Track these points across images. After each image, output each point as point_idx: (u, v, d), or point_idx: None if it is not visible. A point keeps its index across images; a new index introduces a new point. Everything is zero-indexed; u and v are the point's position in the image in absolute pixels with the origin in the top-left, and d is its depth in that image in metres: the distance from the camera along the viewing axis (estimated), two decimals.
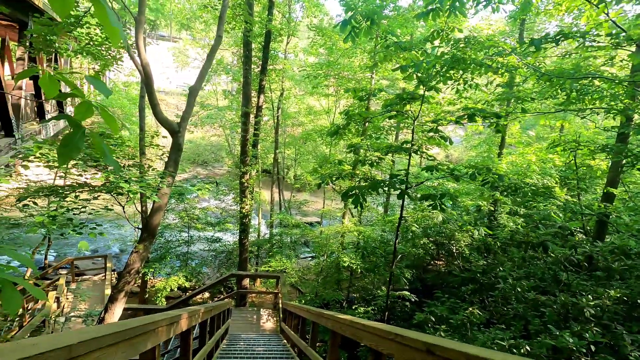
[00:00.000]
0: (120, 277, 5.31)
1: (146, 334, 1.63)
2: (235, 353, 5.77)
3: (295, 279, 12.19)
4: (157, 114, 5.41)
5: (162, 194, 5.24)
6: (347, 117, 7.14)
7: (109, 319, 5.12)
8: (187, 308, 2.83)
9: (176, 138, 5.47)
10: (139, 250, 5.31)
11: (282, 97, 16.98)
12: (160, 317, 1.89)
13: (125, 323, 1.57)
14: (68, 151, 1.22)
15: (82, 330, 1.21)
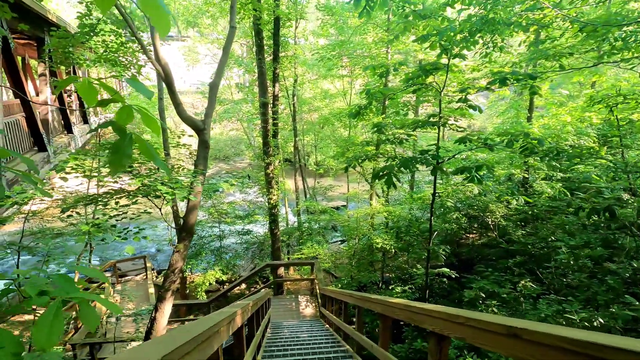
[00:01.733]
0: (166, 277, 5.47)
1: (211, 337, 1.62)
2: (281, 341, 5.88)
3: (329, 264, 12.26)
4: (181, 112, 5.42)
5: (196, 193, 5.30)
6: (368, 96, 6.92)
7: (160, 318, 5.32)
8: (238, 303, 2.84)
9: (202, 135, 5.48)
10: (179, 249, 5.43)
11: (296, 83, 16.77)
12: (221, 318, 1.88)
13: (193, 328, 1.55)
14: (119, 158, 1.17)
15: (159, 341, 1.18)
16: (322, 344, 5.49)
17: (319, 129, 21.20)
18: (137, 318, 7.94)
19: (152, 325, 5.28)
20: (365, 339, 3.85)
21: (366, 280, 10.02)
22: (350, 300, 4.69)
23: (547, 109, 11.45)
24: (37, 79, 11.51)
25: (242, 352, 3.12)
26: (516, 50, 10.52)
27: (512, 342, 1.37)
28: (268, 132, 10.24)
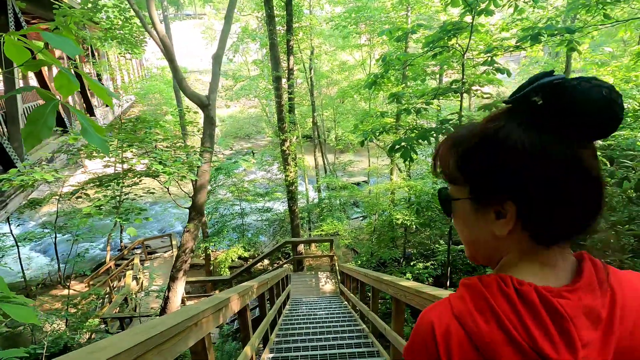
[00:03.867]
0: (177, 257, 5.49)
1: (185, 332, 1.44)
2: (297, 318, 5.85)
3: (349, 240, 12.15)
4: (184, 88, 5.22)
5: (202, 172, 5.19)
6: (385, 63, 6.44)
7: (173, 297, 5.39)
8: (236, 288, 2.69)
9: (207, 111, 5.29)
10: (190, 229, 5.40)
11: (313, 55, 16.17)
12: (204, 307, 1.70)
13: (162, 322, 1.37)
14: (37, 130, 0.95)
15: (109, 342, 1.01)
16: (338, 322, 5.40)
17: (338, 103, 20.62)
18: (160, 294, 8.20)
19: (166, 304, 5.37)
20: (379, 321, 3.67)
21: (387, 256, 9.83)
22: (365, 280, 4.50)
23: (586, 70, 10.42)
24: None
25: (248, 335, 3.01)
26: (552, 4, 9.49)
27: None
28: (283, 108, 9.95)
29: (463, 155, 0.55)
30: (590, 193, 0.50)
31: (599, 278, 0.51)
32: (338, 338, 4.36)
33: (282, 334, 4.66)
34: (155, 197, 20.51)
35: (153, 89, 18.50)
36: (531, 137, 0.49)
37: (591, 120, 0.47)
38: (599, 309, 0.49)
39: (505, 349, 0.47)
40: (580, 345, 0.46)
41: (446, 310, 0.53)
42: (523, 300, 0.49)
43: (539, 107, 0.49)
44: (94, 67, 14.20)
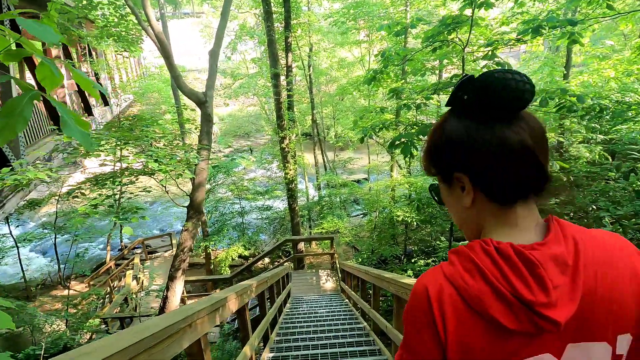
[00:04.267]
0: (176, 257, 5.44)
1: (176, 334, 1.38)
2: (298, 317, 5.80)
3: (350, 237, 12.10)
4: (181, 86, 5.15)
5: (200, 170, 5.12)
6: (384, 58, 6.37)
7: (172, 297, 5.34)
8: (235, 287, 2.63)
9: (204, 108, 5.21)
10: (188, 228, 5.34)
11: (312, 52, 16.07)
12: (199, 308, 1.65)
13: (155, 324, 1.32)
14: (12, 123, 0.89)
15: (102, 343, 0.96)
16: (339, 321, 5.35)
17: (337, 101, 20.52)
18: (160, 294, 8.16)
19: (165, 304, 5.31)
20: (380, 319, 3.62)
21: (388, 253, 9.78)
22: (366, 278, 4.45)
23: (586, 65, 10.33)
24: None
25: (247, 335, 2.96)
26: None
27: None
28: (281, 105, 9.87)
29: (427, 152, 0.70)
30: (519, 158, 0.59)
31: (564, 233, 0.60)
32: (339, 336, 4.32)
33: (282, 333, 4.61)
34: (154, 196, 20.44)
35: (151, 88, 18.40)
36: (462, 125, 0.62)
37: (499, 102, 0.59)
38: (565, 256, 0.57)
39: (491, 298, 0.55)
40: (552, 286, 0.54)
41: (438, 274, 0.61)
42: (502, 255, 0.57)
43: (465, 101, 0.62)
44: (91, 66, 14.12)
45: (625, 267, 0.59)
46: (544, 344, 0.56)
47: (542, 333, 0.55)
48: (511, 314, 0.55)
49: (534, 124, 0.62)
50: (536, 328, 0.54)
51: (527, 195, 0.62)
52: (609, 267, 0.58)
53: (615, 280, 0.58)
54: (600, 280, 0.57)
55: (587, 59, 12.22)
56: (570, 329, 0.56)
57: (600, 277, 0.57)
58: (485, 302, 0.55)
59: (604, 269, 0.58)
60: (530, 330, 0.55)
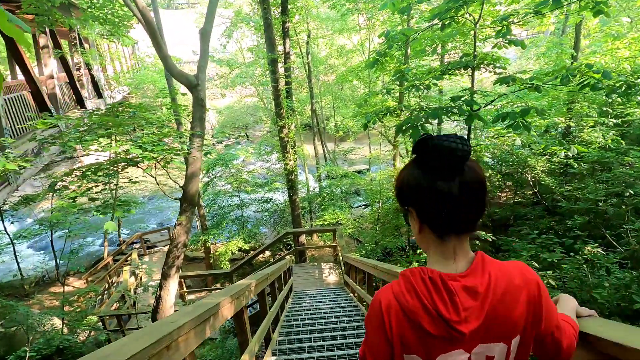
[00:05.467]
0: (169, 253, 5.11)
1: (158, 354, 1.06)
2: (301, 314, 5.52)
3: (352, 229, 11.80)
4: (170, 67, 4.77)
5: (193, 159, 4.76)
6: (388, 39, 5.96)
7: (165, 296, 5.03)
8: (230, 288, 2.31)
9: (196, 92, 4.84)
10: (181, 222, 5.01)
11: (310, 38, 15.57)
12: (180, 322, 1.32)
13: (105, 355, 0.99)
14: None
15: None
16: (345, 318, 5.06)
17: (337, 90, 20.05)
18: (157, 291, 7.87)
19: (158, 304, 5.01)
20: None
21: (392, 245, 9.48)
22: (374, 272, 4.14)
23: (599, 44, 9.88)
24: (41, 51, 11.07)
25: (246, 340, 2.65)
26: None
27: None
28: (279, 93, 9.46)
29: (395, 187, 0.90)
30: (447, 204, 0.78)
31: (482, 267, 0.80)
32: (346, 336, 4.02)
33: (285, 332, 4.32)
34: (151, 190, 20.11)
35: (145, 79, 17.88)
36: (414, 172, 0.83)
37: (436, 163, 0.78)
38: (477, 287, 0.78)
39: (422, 312, 0.79)
40: (462, 308, 0.77)
41: (389, 291, 0.85)
42: (432, 282, 0.79)
43: (417, 156, 0.83)
44: (83, 56, 13.64)
45: (520, 292, 0.80)
46: (460, 343, 0.79)
47: (460, 340, 0.78)
48: (434, 324, 0.78)
49: (470, 178, 0.79)
50: (450, 335, 0.78)
51: (459, 232, 0.81)
52: (509, 294, 0.79)
53: (512, 302, 0.79)
54: (502, 303, 0.78)
55: (594, 42, 11.77)
56: (479, 335, 0.79)
57: (502, 300, 0.78)
58: (418, 314, 0.79)
59: (505, 295, 0.79)
60: (446, 336, 0.78)
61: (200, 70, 4.94)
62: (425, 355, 0.80)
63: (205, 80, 5.00)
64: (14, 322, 7.52)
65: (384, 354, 0.84)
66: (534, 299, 0.80)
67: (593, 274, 3.30)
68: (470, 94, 4.97)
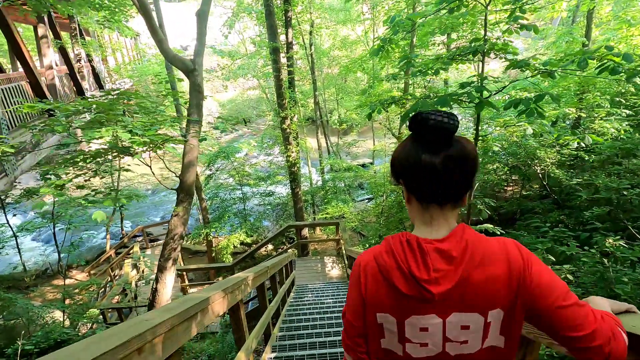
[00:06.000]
0: (165, 245, 4.96)
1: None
2: (303, 309, 5.37)
3: (355, 223, 11.64)
4: (165, 51, 4.57)
5: (189, 147, 4.59)
6: (393, 24, 5.72)
7: (162, 289, 4.89)
8: (223, 282, 2.14)
9: (193, 77, 4.65)
10: (178, 213, 4.85)
11: (313, 28, 15.26)
12: (157, 320, 1.15)
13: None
14: None
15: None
16: None
17: (341, 82, 19.74)
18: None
19: (154, 297, 4.87)
20: None
21: None
22: None
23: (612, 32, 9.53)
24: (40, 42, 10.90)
25: (242, 337, 2.49)
26: None
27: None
28: (282, 83, 9.23)
29: (390, 164, 0.93)
30: (430, 176, 0.82)
31: (461, 235, 0.82)
32: None
33: (286, 328, 4.17)
34: (153, 183, 20.02)
35: (147, 71, 17.67)
36: (406, 147, 0.86)
37: (424, 137, 0.83)
38: (451, 250, 0.80)
39: (396, 272, 0.83)
40: (433, 269, 0.80)
41: (370, 252, 0.90)
42: (409, 245, 0.84)
43: (411, 131, 0.86)
44: (83, 47, 13.45)
45: (500, 263, 0.80)
46: (433, 308, 0.81)
47: (429, 300, 0.80)
48: (406, 283, 0.82)
49: (455, 152, 0.82)
50: (420, 295, 0.80)
51: (441, 203, 0.86)
52: (488, 264, 0.80)
53: (490, 273, 0.79)
54: (478, 270, 0.79)
55: (607, 30, 11.41)
56: (452, 301, 0.80)
57: (478, 268, 0.79)
58: (391, 273, 0.84)
59: (483, 263, 0.80)
60: (417, 295, 0.81)
61: (197, 54, 4.74)
62: (398, 315, 0.83)
63: (203, 65, 4.80)
64: (13, 314, 7.45)
65: (360, 311, 0.90)
66: (517, 271, 0.79)
67: (613, 268, 3.10)
68: (480, 80, 4.74)
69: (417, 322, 0.81)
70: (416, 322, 0.82)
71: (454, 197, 0.85)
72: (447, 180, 0.81)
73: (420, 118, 0.81)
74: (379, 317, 0.85)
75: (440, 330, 0.81)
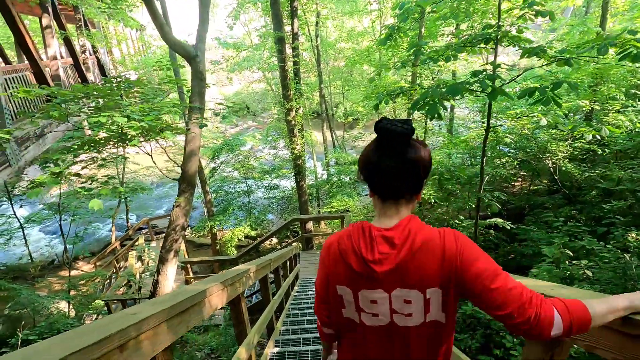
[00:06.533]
0: (167, 237, 4.87)
1: None
2: (307, 302, 5.27)
3: (361, 217, 11.49)
4: (166, 35, 4.43)
5: (191, 136, 4.47)
6: (402, 11, 5.53)
7: (163, 281, 4.82)
8: (223, 275, 2.03)
9: (195, 64, 4.51)
10: (180, 204, 4.76)
11: (319, 18, 15.02)
12: (142, 315, 1.04)
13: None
14: None
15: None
16: None
17: (347, 75, 19.48)
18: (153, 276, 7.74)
19: (155, 289, 4.79)
20: None
21: None
22: None
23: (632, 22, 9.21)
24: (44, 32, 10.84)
25: (244, 331, 2.38)
26: None
27: None
28: (287, 74, 9.07)
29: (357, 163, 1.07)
30: (385, 175, 0.97)
31: (405, 225, 0.96)
32: None
33: (289, 322, 4.07)
34: (158, 176, 20.03)
35: (151, 63, 17.56)
36: (367, 150, 1.01)
37: (381, 142, 0.96)
38: (394, 238, 0.95)
39: (350, 253, 0.99)
40: (377, 252, 0.95)
41: (336, 236, 1.06)
42: (364, 231, 0.99)
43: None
44: (88, 39, 13.37)
45: (437, 249, 0.93)
46: (380, 284, 0.96)
47: (375, 278, 0.95)
48: (358, 262, 0.97)
49: (408, 156, 0.95)
50: (367, 273, 0.96)
51: (396, 198, 0.99)
52: (426, 250, 0.93)
53: (427, 256, 0.92)
54: (416, 255, 0.93)
55: (623, 20, 11.07)
56: (395, 279, 0.94)
57: (417, 253, 0.93)
58: (347, 253, 1.00)
59: (421, 249, 0.93)
60: (365, 273, 0.96)
61: (199, 40, 4.59)
62: (352, 288, 0.99)
63: (205, 51, 4.66)
64: (20, 305, 7.48)
65: (325, 283, 1.09)
66: (450, 257, 0.91)
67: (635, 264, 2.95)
68: (493, 67, 4.56)
69: (368, 295, 0.97)
70: (367, 295, 0.97)
71: (407, 194, 0.99)
72: (400, 180, 0.96)
73: (380, 126, 0.94)
74: (338, 289, 1.02)
75: (387, 302, 0.96)
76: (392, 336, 0.98)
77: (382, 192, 0.99)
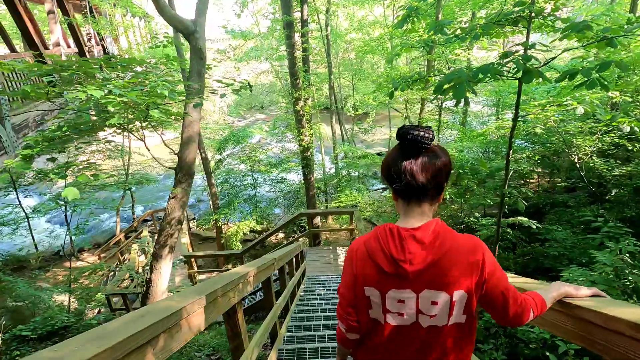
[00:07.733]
0: (161, 231, 4.50)
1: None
2: (315, 303, 4.90)
3: (370, 212, 11.09)
4: (162, 8, 4.01)
5: (189, 121, 4.10)
6: None
7: (157, 279, 4.46)
8: (208, 284, 1.64)
9: (194, 40, 4.11)
10: (176, 195, 4.38)
11: (330, 4, 14.49)
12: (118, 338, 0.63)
13: None
14: None
15: None
16: None
17: (357, 66, 18.92)
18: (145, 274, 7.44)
19: (148, 288, 4.45)
20: None
21: None
22: None
23: None
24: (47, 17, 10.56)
25: (241, 344, 2.00)
26: None
27: None
28: (295, 61, 8.63)
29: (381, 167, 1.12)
30: (407, 179, 1.00)
31: (433, 228, 1.00)
32: None
33: (294, 327, 3.70)
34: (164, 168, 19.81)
35: (158, 53, 17.25)
36: (390, 156, 1.06)
37: (403, 147, 1.02)
38: (423, 238, 0.98)
39: (379, 253, 1.02)
40: (408, 251, 0.99)
41: (362, 239, 1.10)
42: (391, 232, 1.02)
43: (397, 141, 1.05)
44: (93, 26, 13.08)
45: (465, 254, 0.98)
46: (410, 284, 0.99)
47: (405, 277, 0.99)
48: (387, 262, 1.00)
49: (429, 160, 1.00)
50: (397, 272, 0.99)
51: (418, 199, 1.03)
52: (453, 252, 0.97)
53: (455, 260, 0.97)
54: (445, 257, 0.97)
55: None
56: (424, 280, 0.97)
57: (445, 255, 0.97)
58: (376, 254, 1.03)
59: (450, 252, 0.97)
60: (395, 272, 0.99)
61: (198, 14, 4.18)
62: (380, 289, 1.03)
63: (205, 27, 4.25)
64: (21, 297, 7.27)
65: (352, 286, 1.11)
66: (477, 263, 0.98)
67: None
68: (525, 48, 4.07)
69: (396, 295, 1.01)
70: (395, 295, 1.01)
71: (429, 196, 1.04)
72: (422, 182, 1.00)
73: (402, 132, 1.01)
74: (366, 291, 1.06)
75: (414, 303, 1.00)
76: (414, 336, 1.02)
77: (405, 194, 1.03)
